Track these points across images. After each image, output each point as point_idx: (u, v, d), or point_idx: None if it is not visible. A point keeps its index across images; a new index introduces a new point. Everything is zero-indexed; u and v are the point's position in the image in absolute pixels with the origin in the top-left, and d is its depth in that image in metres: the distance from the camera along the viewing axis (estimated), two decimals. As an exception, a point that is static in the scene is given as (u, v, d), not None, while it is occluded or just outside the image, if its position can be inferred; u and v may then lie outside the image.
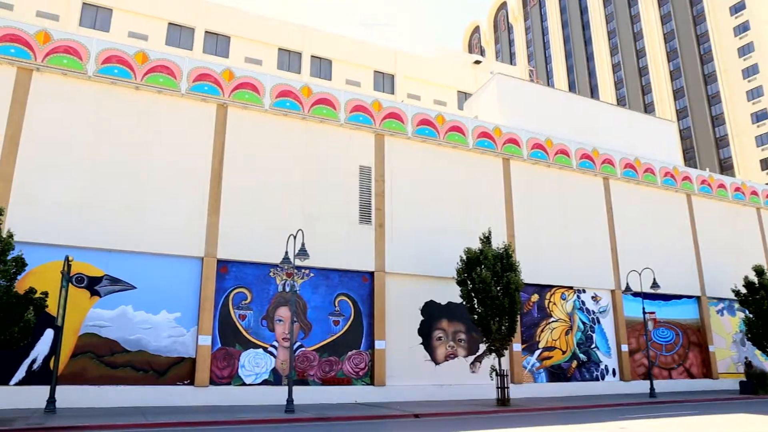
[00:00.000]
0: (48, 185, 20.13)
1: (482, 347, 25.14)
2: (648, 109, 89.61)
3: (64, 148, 20.67)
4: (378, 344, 23.69)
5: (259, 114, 24.00)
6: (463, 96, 46.23)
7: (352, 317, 23.79)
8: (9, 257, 16.02)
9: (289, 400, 18.62)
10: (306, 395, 21.57)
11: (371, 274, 24.48)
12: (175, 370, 20.62)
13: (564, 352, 28.29)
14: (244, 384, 21.40)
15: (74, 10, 35.98)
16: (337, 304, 23.65)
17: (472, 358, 25.71)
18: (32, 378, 18.81)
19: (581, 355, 28.67)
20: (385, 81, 44.85)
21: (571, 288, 29.29)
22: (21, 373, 18.75)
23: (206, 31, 39.56)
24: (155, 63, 22.54)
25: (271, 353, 22.09)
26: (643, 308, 28.28)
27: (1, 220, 16.34)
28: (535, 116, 31.60)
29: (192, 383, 20.63)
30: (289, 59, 41.48)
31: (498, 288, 22.29)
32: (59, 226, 19.88)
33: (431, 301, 25.52)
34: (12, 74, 20.65)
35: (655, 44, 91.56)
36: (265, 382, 21.73)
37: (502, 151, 28.88)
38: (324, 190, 24.28)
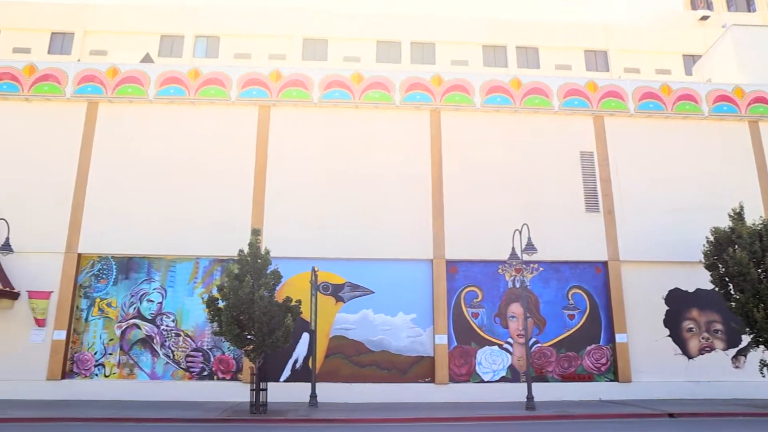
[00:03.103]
0: (291, 205, 22.64)
1: (745, 339, 22.01)
2: None
3: (300, 170, 23.12)
4: (619, 338, 22.18)
5: (470, 113, 24.21)
6: (690, 60, 41.26)
7: (587, 310, 22.64)
8: (268, 271, 18.33)
9: (529, 396, 18.36)
10: (545, 392, 21.01)
11: (604, 263, 23.04)
12: (415, 368, 21.64)
13: None
14: (482, 381, 21.64)
15: (297, 45, 40.07)
16: (570, 298, 22.71)
17: (734, 351, 22.71)
18: (296, 376, 21.28)
19: None
20: (597, 59, 42.07)
21: None
22: (287, 371, 21.35)
23: (411, 42, 41.12)
24: (370, 81, 24.06)
25: (506, 350, 22.02)
26: None
27: (259, 240, 18.78)
28: (788, 68, 26.94)
29: (432, 381, 21.44)
30: (494, 55, 41.18)
31: (759, 270, 19.34)
32: (304, 241, 22.23)
33: (676, 288, 23.14)
34: (255, 113, 23.73)
35: None
36: (502, 379, 21.72)
37: (747, 114, 25.12)
38: (544, 181, 23.55)
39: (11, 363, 20.98)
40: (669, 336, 22.65)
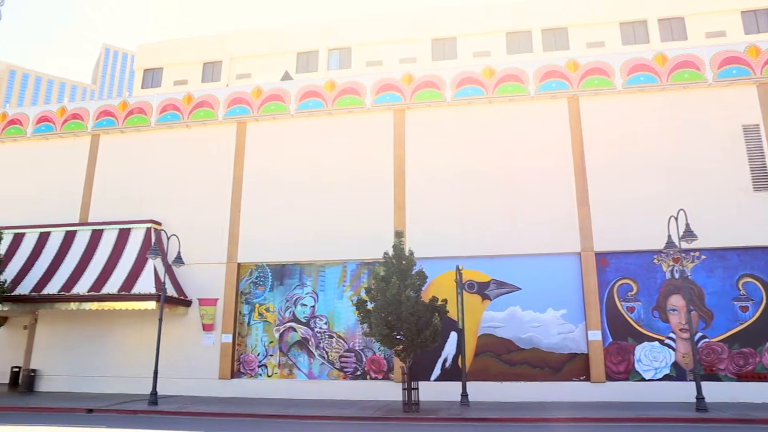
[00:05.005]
0: (431, 205, 22.84)
1: None
2: None
3: (438, 170, 23.23)
4: (806, 331, 19.71)
5: (611, 96, 22.89)
6: None
7: (764, 302, 20.34)
8: (413, 272, 18.60)
9: (699, 397, 16.87)
10: (717, 392, 19.18)
11: (781, 248, 20.62)
12: (569, 366, 20.81)
13: None
14: (642, 379, 20.27)
15: (426, 47, 40.30)
16: (741, 288, 20.55)
17: None
18: (445, 374, 21.38)
19: None
20: (758, 19, 37.70)
21: None
22: (437, 370, 21.51)
23: (542, 29, 39.67)
24: (502, 74, 23.63)
25: (669, 346, 20.43)
26: None
27: (402, 241, 19.12)
28: None
29: (588, 379, 20.49)
30: (634, 31, 38.48)
31: None
32: (447, 240, 22.30)
33: None
34: (390, 117, 24.26)
35: None
36: (666, 377, 20.18)
37: None
38: (699, 161, 21.57)
39: (188, 363, 23.26)
40: None
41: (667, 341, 20.48)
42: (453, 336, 21.50)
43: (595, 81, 22.96)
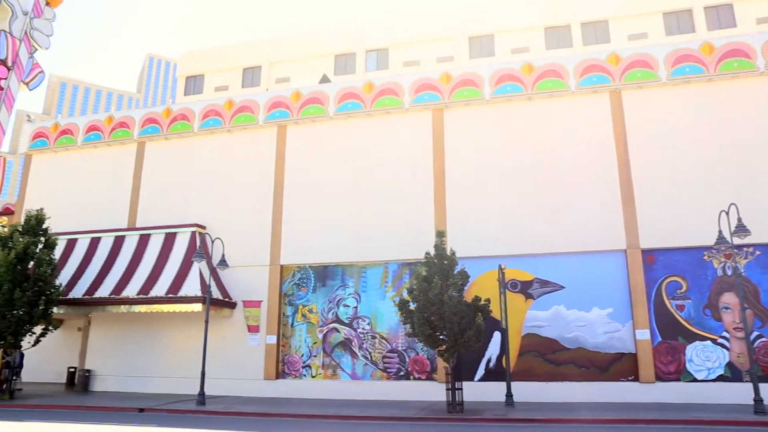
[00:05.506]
0: (472, 204, 22.67)
1: None
2: None
3: (478, 169, 23.04)
4: None
5: (655, 89, 22.28)
6: None
7: (822, 298, 19.50)
8: (455, 272, 18.49)
9: (757, 399, 16.25)
10: (776, 393, 18.44)
11: (841, 243, 19.71)
12: (616, 366, 20.34)
13: None
14: (695, 380, 19.64)
15: (463, 45, 40.00)
16: (798, 284, 19.74)
17: None
18: (489, 375, 21.18)
19: None
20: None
21: None
22: (481, 370, 21.33)
23: (582, 23, 38.92)
24: (542, 69, 23.30)
25: (722, 345, 19.74)
26: None
27: (444, 241, 19.03)
28: None
29: (636, 379, 20.00)
30: (678, 21, 37.34)
31: None
32: (488, 239, 22.10)
33: None
34: (428, 117, 24.19)
35: None
36: (720, 378, 19.49)
37: None
38: (750, 152, 20.74)
39: (234, 364, 23.70)
40: None
41: (720, 340, 19.80)
42: (496, 336, 21.28)
43: (638, 74, 22.40)
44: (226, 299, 23.85)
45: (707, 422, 15.35)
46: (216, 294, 23.02)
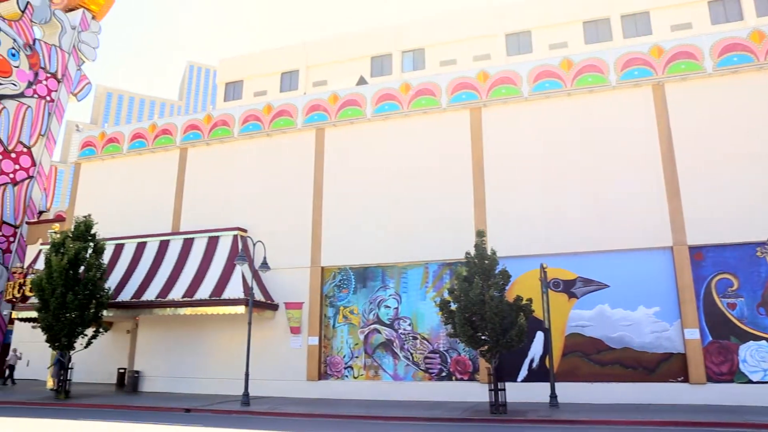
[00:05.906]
0: (512, 203, 22.42)
1: None
2: None
3: (517, 167, 22.76)
4: None
5: (700, 81, 21.61)
6: None
7: None
8: (496, 271, 18.32)
9: (815, 399, 15.60)
10: (837, 394, 17.69)
11: None
12: (664, 366, 19.80)
13: None
14: (749, 381, 18.95)
15: (500, 43, 39.63)
16: None
17: None
18: (532, 375, 20.89)
19: None
20: None
21: None
22: (524, 371, 21.06)
23: (621, 15, 38.06)
24: (581, 65, 22.88)
25: (777, 345, 19.04)
26: None
27: (484, 241, 18.87)
28: None
29: (686, 380, 19.42)
30: (724, 9, 36.10)
31: None
32: (529, 237, 21.81)
33: None
34: (466, 116, 24.04)
35: None
36: (775, 379, 18.81)
37: None
38: (806, 145, 19.99)
39: (277, 365, 24.01)
40: None
41: (775, 339, 19.09)
42: (539, 336, 20.99)
43: (682, 66, 21.78)
44: (268, 301, 24.18)
45: (763, 426, 14.79)
46: (258, 296, 23.36)
